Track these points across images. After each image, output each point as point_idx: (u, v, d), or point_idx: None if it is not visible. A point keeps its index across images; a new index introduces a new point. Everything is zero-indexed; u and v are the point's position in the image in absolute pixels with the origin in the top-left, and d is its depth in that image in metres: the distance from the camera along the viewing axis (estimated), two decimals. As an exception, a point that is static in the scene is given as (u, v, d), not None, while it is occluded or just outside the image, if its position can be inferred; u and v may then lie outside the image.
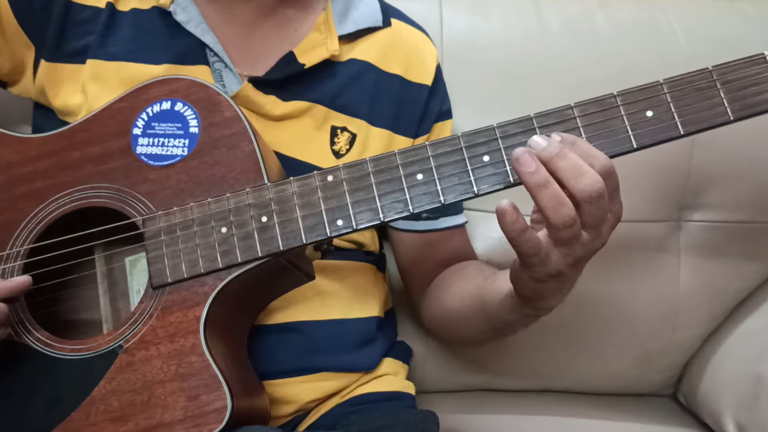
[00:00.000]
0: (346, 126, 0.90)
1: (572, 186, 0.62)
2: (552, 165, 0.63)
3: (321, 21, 0.89)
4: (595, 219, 0.64)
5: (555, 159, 0.63)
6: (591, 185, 0.62)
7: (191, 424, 0.67)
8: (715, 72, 0.69)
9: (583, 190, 0.62)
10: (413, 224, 0.96)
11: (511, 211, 0.63)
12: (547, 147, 0.63)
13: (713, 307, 1.16)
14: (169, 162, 0.75)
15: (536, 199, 0.63)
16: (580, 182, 0.62)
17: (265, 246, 0.70)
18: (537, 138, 0.64)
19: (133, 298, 0.81)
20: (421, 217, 0.96)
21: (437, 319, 0.97)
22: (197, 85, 0.77)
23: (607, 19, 1.14)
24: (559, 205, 0.62)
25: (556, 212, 0.62)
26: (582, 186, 0.62)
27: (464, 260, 0.98)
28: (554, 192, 0.62)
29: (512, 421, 1.10)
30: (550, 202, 0.62)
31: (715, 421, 1.08)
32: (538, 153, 0.63)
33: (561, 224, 0.62)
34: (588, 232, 0.64)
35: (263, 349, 0.83)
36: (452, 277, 0.95)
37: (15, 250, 0.75)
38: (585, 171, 0.62)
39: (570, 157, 0.63)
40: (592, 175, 0.62)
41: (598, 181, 0.62)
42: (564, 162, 0.63)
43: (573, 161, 0.63)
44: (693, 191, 1.11)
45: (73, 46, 0.85)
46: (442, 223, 0.97)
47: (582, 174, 0.62)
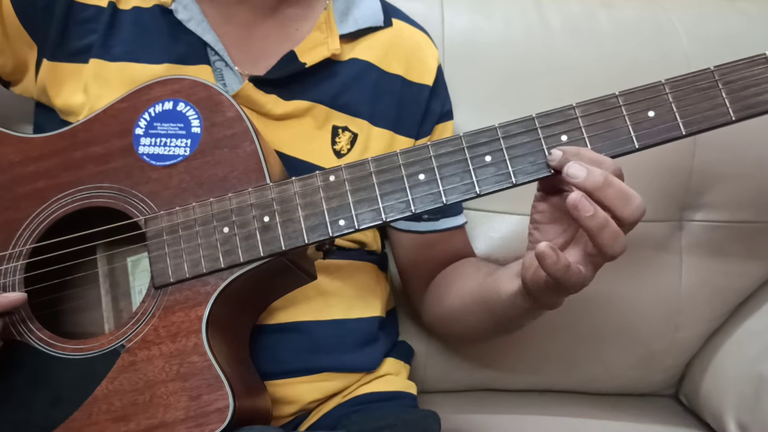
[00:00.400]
0: (347, 126, 0.90)
1: (622, 212, 0.64)
2: (599, 194, 0.64)
3: (322, 20, 0.89)
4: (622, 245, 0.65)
5: (603, 187, 0.64)
6: (639, 207, 0.64)
7: (193, 423, 0.67)
8: (717, 72, 0.69)
9: (634, 213, 0.64)
10: (414, 225, 0.96)
11: (551, 253, 0.64)
12: (590, 177, 0.64)
13: (715, 306, 1.16)
14: (171, 162, 0.75)
15: (596, 239, 0.64)
16: (629, 207, 0.64)
17: (268, 246, 0.71)
18: (575, 166, 0.65)
19: (135, 298, 0.81)
20: (421, 218, 0.96)
21: (439, 318, 0.97)
22: (199, 85, 0.77)
23: (608, 18, 1.14)
24: (617, 239, 0.64)
25: (614, 247, 0.64)
26: (632, 209, 0.64)
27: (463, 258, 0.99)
28: (613, 229, 0.64)
29: (514, 421, 1.10)
30: (610, 238, 0.64)
31: (716, 421, 1.08)
32: (582, 183, 0.64)
33: (617, 255, 0.65)
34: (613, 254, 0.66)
35: (265, 349, 0.83)
36: (451, 276, 0.96)
37: (17, 249, 0.75)
38: (631, 195, 0.64)
39: (615, 184, 0.64)
40: (636, 196, 0.64)
41: (642, 205, 0.64)
42: (612, 189, 0.64)
43: (619, 187, 0.64)
44: (695, 191, 1.11)
45: (76, 45, 0.85)
46: (443, 224, 0.97)
47: (629, 199, 0.64)
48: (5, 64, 0.87)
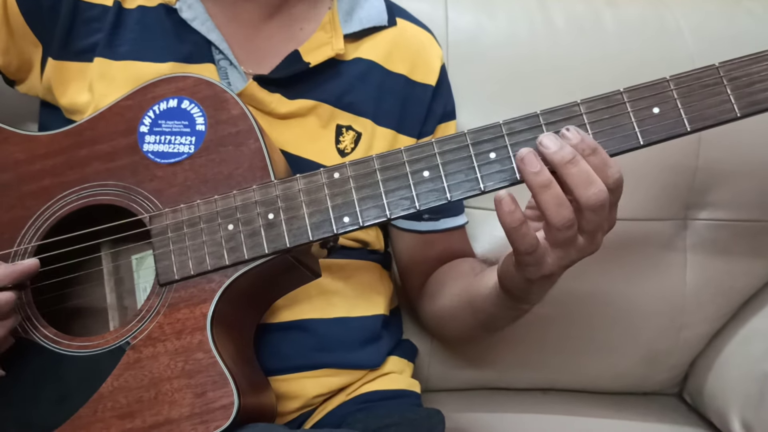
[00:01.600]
0: (351, 125, 0.90)
1: (580, 193, 0.64)
2: (563, 169, 0.64)
3: (326, 20, 0.89)
4: (594, 226, 0.66)
5: (568, 164, 0.64)
6: (597, 194, 0.64)
7: (198, 420, 0.67)
8: (722, 69, 0.69)
9: (590, 198, 0.64)
10: (414, 224, 0.96)
11: (509, 200, 0.64)
12: (560, 151, 0.64)
13: (719, 305, 1.16)
14: (176, 159, 0.75)
15: (538, 199, 0.64)
16: (588, 190, 0.64)
17: (272, 243, 0.71)
18: (550, 138, 0.65)
19: (140, 295, 0.81)
20: (422, 218, 0.96)
21: (432, 316, 0.98)
22: (204, 83, 0.77)
23: (613, 17, 1.14)
24: (560, 206, 0.64)
25: (556, 213, 0.64)
26: (589, 194, 0.64)
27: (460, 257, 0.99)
28: (556, 193, 0.64)
29: (518, 420, 1.10)
30: (552, 202, 0.64)
31: (721, 420, 1.08)
32: (550, 155, 0.65)
33: (560, 225, 0.64)
34: (584, 237, 0.66)
35: (269, 346, 0.83)
36: (445, 275, 0.96)
37: (23, 247, 0.76)
38: (594, 180, 0.64)
39: (582, 165, 0.64)
40: (600, 184, 0.64)
41: (604, 191, 0.64)
42: (576, 168, 0.64)
43: (584, 168, 0.64)
44: (699, 189, 1.11)
45: (81, 44, 0.85)
46: (443, 224, 0.97)
47: (591, 183, 0.64)
48: (10, 63, 0.88)
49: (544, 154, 0.65)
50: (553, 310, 1.10)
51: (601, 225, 0.66)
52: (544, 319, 1.11)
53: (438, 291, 0.95)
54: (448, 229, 0.97)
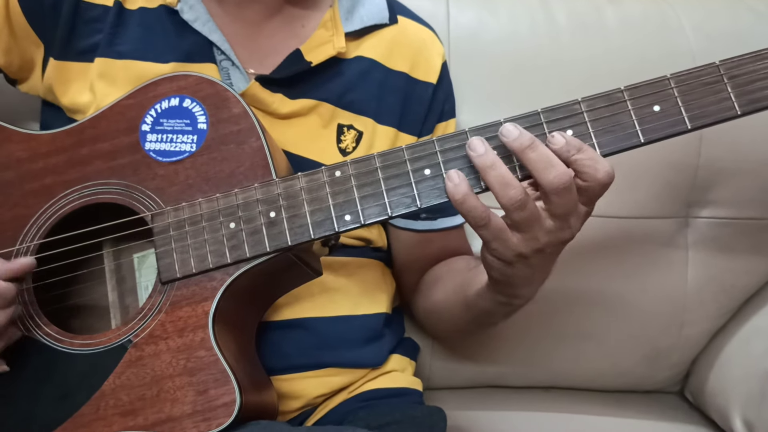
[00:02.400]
0: (352, 124, 0.90)
1: (540, 177, 0.65)
2: (523, 156, 0.66)
3: (328, 18, 0.89)
4: (564, 210, 0.66)
5: (527, 150, 0.66)
6: (558, 177, 0.65)
7: (200, 418, 0.67)
8: (722, 67, 0.69)
9: (551, 182, 0.65)
10: (411, 223, 0.96)
11: (454, 175, 0.67)
12: (519, 137, 0.66)
13: (721, 303, 1.15)
14: (178, 158, 0.75)
15: (485, 180, 0.67)
16: (548, 173, 0.65)
17: (274, 241, 0.71)
18: (509, 126, 0.67)
19: (141, 293, 0.81)
20: (419, 217, 0.96)
21: (426, 311, 0.98)
22: (205, 82, 0.77)
23: (614, 13, 1.14)
24: (505, 186, 0.65)
25: (503, 193, 0.66)
26: (550, 178, 0.65)
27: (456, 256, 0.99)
28: (500, 173, 0.66)
29: (519, 418, 1.10)
30: (496, 181, 0.66)
31: (722, 418, 1.08)
32: (510, 142, 0.67)
33: (509, 205, 0.66)
34: (554, 221, 0.67)
35: (270, 345, 0.83)
36: (440, 272, 0.96)
37: (25, 245, 0.76)
38: (554, 163, 0.65)
39: (540, 149, 0.66)
40: (560, 167, 0.65)
41: (565, 173, 0.65)
42: (534, 153, 0.66)
43: (543, 153, 0.66)
44: (701, 187, 1.11)
45: (82, 44, 0.85)
46: (440, 223, 0.97)
47: (551, 166, 0.65)
48: (12, 63, 0.88)
49: (504, 143, 0.67)
50: (554, 308, 1.10)
51: (571, 209, 0.67)
52: (545, 317, 1.11)
53: (432, 287, 0.95)
54: (445, 228, 0.97)
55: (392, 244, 1.00)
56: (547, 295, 0.75)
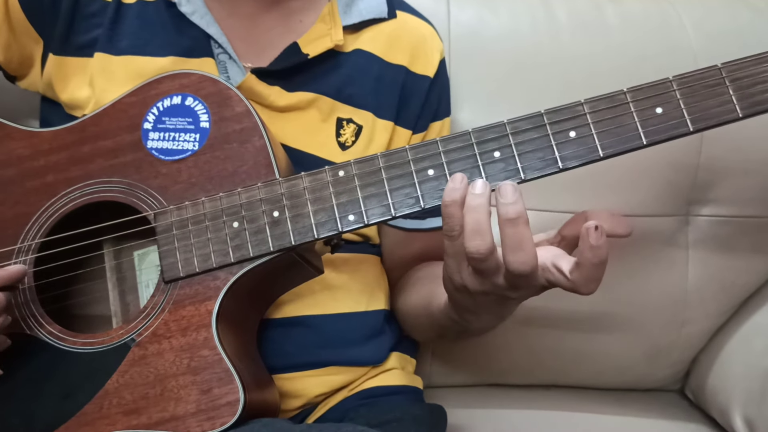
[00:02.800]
0: (351, 118, 0.90)
1: (505, 255, 0.63)
2: (501, 223, 0.63)
3: (326, 11, 0.89)
4: (516, 285, 0.65)
5: (506, 222, 0.63)
6: (521, 264, 0.63)
7: (204, 417, 0.67)
8: (724, 69, 0.69)
9: (510, 263, 0.63)
10: (401, 222, 0.96)
11: (458, 180, 0.66)
12: (513, 205, 0.63)
13: (722, 301, 1.16)
14: (180, 156, 0.75)
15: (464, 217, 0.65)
16: (515, 255, 0.62)
17: (277, 241, 0.71)
18: (509, 188, 0.64)
19: (142, 292, 0.81)
20: (408, 216, 0.96)
21: (398, 312, 0.98)
22: (208, 80, 0.77)
23: (615, 11, 1.14)
24: (476, 234, 0.64)
25: (470, 239, 0.64)
26: (511, 259, 0.63)
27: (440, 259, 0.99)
28: (478, 220, 0.64)
29: (520, 416, 1.10)
30: (470, 225, 0.64)
31: (722, 417, 1.08)
32: (502, 202, 0.63)
33: (471, 252, 0.64)
34: (506, 282, 0.66)
35: (271, 342, 0.83)
36: (418, 275, 0.96)
37: (26, 243, 0.76)
38: (524, 248, 0.62)
39: (519, 228, 0.63)
40: (527, 254, 0.62)
41: (527, 263, 0.62)
42: (511, 230, 0.63)
43: (519, 234, 0.62)
44: (701, 186, 1.11)
45: (81, 39, 0.85)
46: (429, 223, 0.97)
47: (520, 249, 0.62)
48: (12, 59, 0.88)
49: (498, 201, 0.64)
50: (554, 306, 1.11)
51: (527, 285, 0.66)
52: (546, 315, 1.11)
53: (408, 289, 0.95)
54: (433, 228, 0.97)
55: (381, 242, 0.99)
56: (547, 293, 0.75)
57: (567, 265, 0.63)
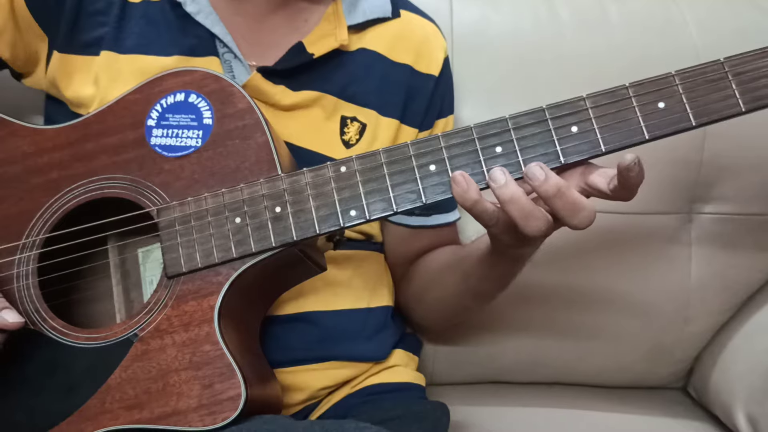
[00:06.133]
0: (356, 116, 0.90)
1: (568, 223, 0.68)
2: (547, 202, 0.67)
3: (330, 11, 0.89)
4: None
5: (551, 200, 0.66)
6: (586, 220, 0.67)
7: (206, 412, 0.67)
8: (727, 64, 0.69)
9: (577, 225, 0.67)
10: (405, 219, 0.96)
11: (461, 180, 0.67)
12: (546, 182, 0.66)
13: (724, 299, 1.15)
14: (184, 153, 0.76)
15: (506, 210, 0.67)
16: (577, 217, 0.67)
17: (279, 236, 0.71)
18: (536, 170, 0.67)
19: (146, 288, 0.81)
20: (414, 213, 0.96)
21: (413, 291, 0.98)
22: (210, 77, 0.77)
23: (618, 9, 1.14)
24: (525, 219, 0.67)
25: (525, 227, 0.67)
26: (576, 222, 0.67)
27: None
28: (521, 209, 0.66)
29: (522, 413, 1.10)
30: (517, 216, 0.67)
31: (725, 415, 1.08)
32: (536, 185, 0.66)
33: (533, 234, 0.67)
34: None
35: (274, 338, 0.83)
36: (428, 257, 0.97)
37: (31, 239, 0.76)
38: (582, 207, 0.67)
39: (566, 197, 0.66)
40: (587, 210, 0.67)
41: (589, 217, 0.67)
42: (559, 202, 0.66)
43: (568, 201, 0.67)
44: (704, 183, 1.11)
45: (87, 37, 0.85)
46: (434, 220, 0.97)
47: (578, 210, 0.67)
48: (17, 57, 0.88)
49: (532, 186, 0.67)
50: (557, 304, 1.11)
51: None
52: (549, 312, 1.11)
53: (420, 270, 0.96)
54: (438, 225, 0.98)
55: (385, 239, 0.99)
56: (550, 291, 0.75)
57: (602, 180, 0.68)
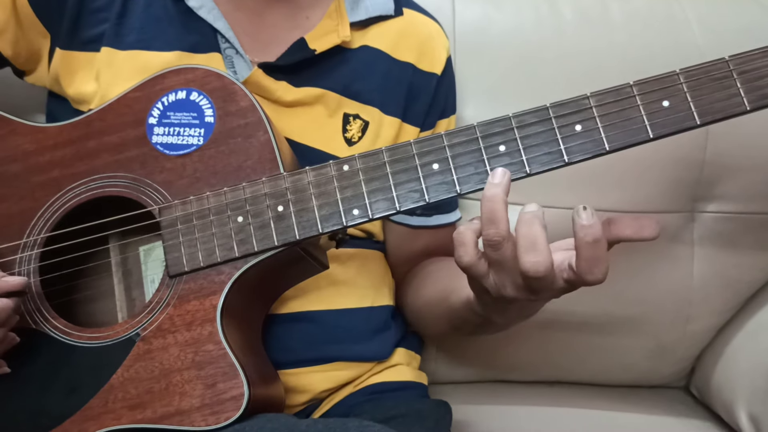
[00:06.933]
0: (358, 113, 0.90)
1: (520, 256, 0.62)
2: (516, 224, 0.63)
3: (333, 8, 0.89)
4: (532, 287, 0.64)
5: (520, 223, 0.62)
6: (533, 264, 0.61)
7: (209, 411, 0.67)
8: (732, 62, 0.69)
9: (524, 263, 0.61)
10: (407, 218, 0.96)
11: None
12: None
13: (727, 298, 1.15)
14: (185, 151, 0.75)
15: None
16: (527, 254, 0.61)
17: (282, 235, 0.71)
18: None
19: (148, 287, 0.81)
20: (414, 213, 0.96)
21: (411, 308, 0.97)
22: (212, 75, 0.77)
23: (620, 7, 1.14)
24: (492, 221, 0.63)
25: (487, 227, 0.63)
26: (524, 260, 0.61)
27: (448, 254, 0.99)
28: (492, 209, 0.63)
29: (524, 412, 1.10)
30: (486, 215, 0.63)
31: (728, 413, 1.08)
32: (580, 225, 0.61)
33: (486, 239, 0.63)
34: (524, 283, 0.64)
35: (277, 338, 0.83)
36: (430, 270, 0.96)
37: (32, 238, 0.76)
38: (538, 248, 0.61)
39: (533, 228, 0.62)
40: (541, 254, 0.61)
41: (541, 264, 0.61)
42: (525, 229, 0.62)
43: (532, 234, 0.62)
44: (707, 182, 1.11)
45: (88, 33, 0.85)
46: (435, 220, 0.97)
47: (533, 249, 0.61)
48: (20, 54, 0.88)
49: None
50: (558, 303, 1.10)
51: (548, 288, 0.64)
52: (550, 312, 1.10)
53: (419, 283, 0.95)
54: (439, 225, 0.98)
55: (386, 238, 0.99)
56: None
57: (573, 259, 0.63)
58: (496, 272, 0.65)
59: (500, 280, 0.65)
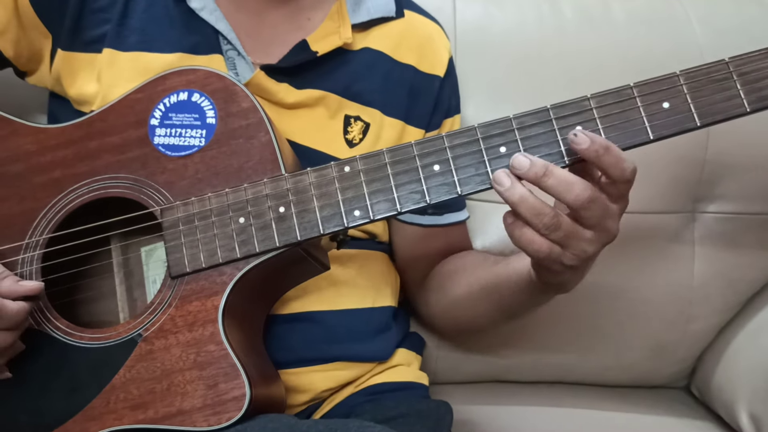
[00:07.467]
0: (359, 115, 0.90)
1: (564, 199, 0.65)
2: (541, 184, 0.66)
3: (334, 10, 0.89)
4: (597, 218, 0.66)
5: (543, 178, 0.65)
6: (580, 195, 0.64)
7: (210, 411, 0.67)
8: (732, 63, 0.69)
9: (575, 201, 0.64)
10: (418, 218, 0.96)
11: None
12: (532, 167, 0.65)
13: (727, 298, 1.15)
14: (187, 152, 0.76)
15: (518, 213, 0.66)
16: (570, 194, 0.64)
17: (283, 236, 0.71)
18: (519, 157, 0.67)
19: (149, 287, 0.81)
20: (426, 212, 0.96)
21: (444, 308, 0.97)
22: (214, 76, 0.77)
23: (621, 6, 1.14)
24: (538, 215, 0.65)
25: (538, 221, 0.65)
26: (572, 198, 0.65)
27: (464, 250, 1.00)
28: (530, 205, 0.65)
29: (525, 412, 1.10)
30: (529, 213, 0.65)
31: (728, 413, 1.08)
32: (525, 173, 0.66)
33: (545, 229, 0.65)
34: (593, 230, 0.67)
35: (278, 338, 0.83)
36: (456, 267, 0.96)
37: (34, 239, 0.76)
38: (572, 182, 0.65)
39: (556, 174, 0.65)
40: (579, 184, 0.65)
41: (586, 189, 0.64)
42: (551, 179, 0.65)
43: (559, 177, 0.65)
44: (708, 182, 1.11)
45: (90, 34, 0.85)
46: (447, 218, 0.98)
47: (570, 186, 0.65)
48: (21, 55, 0.88)
49: (518, 175, 0.66)
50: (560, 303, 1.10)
51: (604, 216, 0.66)
52: (551, 311, 1.10)
53: (449, 282, 0.95)
54: (451, 223, 0.98)
55: (395, 239, 0.99)
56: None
57: None
58: (570, 244, 0.67)
59: (577, 247, 0.67)
